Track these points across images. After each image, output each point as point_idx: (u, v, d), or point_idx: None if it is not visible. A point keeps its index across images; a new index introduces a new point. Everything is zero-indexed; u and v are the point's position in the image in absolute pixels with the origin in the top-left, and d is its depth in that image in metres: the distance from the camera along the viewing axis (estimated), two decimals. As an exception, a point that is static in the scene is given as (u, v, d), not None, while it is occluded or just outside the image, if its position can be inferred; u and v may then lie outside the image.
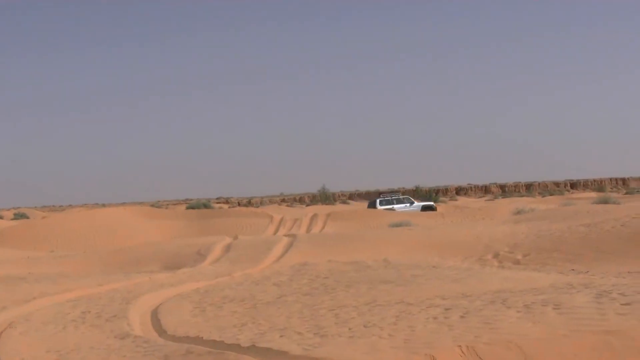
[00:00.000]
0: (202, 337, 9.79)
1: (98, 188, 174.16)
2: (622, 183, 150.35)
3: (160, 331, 11.09)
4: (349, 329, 9.58)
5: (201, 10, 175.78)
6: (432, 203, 62.05)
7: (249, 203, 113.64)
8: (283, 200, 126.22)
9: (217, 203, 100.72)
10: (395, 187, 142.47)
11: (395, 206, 57.10)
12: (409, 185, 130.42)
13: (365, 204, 78.33)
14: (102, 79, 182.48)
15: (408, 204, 57.42)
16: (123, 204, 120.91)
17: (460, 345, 7.80)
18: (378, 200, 59.36)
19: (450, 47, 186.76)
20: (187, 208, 63.31)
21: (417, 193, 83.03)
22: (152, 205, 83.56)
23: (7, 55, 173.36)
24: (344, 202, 79.93)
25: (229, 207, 72.19)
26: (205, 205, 63.15)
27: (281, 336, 9.37)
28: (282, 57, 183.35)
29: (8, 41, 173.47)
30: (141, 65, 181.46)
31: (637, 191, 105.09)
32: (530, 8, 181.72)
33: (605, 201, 51.75)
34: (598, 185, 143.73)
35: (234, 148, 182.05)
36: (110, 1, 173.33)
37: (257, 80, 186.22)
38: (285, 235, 30.12)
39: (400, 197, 59.77)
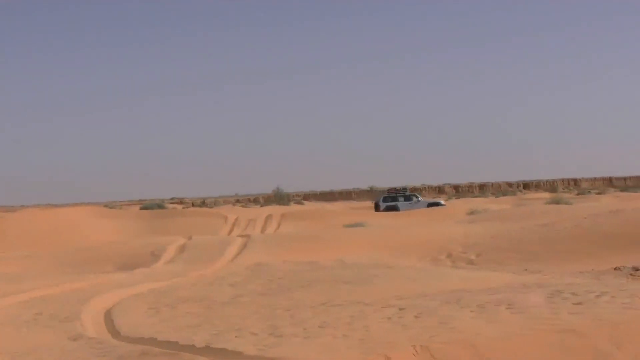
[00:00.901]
0: (157, 338, 9.74)
1: (50, 189, 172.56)
2: (574, 184, 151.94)
3: (114, 332, 11.01)
4: (304, 329, 9.59)
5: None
6: (439, 200, 60.56)
7: (203, 203, 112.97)
8: (237, 201, 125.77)
9: (171, 203, 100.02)
10: (350, 187, 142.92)
11: (400, 204, 55.30)
12: (364, 186, 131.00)
13: (320, 204, 78.12)
14: (53, 80, 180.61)
15: (413, 201, 55.68)
16: (76, 204, 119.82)
17: (414, 345, 7.84)
18: (382, 199, 57.98)
19: (401, 48, 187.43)
20: (141, 208, 62.87)
21: (371, 194, 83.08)
22: (106, 206, 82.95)
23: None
24: (298, 203, 79.96)
25: (183, 208, 71.77)
26: (160, 206, 62.79)
27: (236, 337, 9.35)
28: (234, 58, 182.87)
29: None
30: (93, 67, 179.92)
31: (589, 192, 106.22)
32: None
33: (557, 202, 52.32)
34: (550, 186, 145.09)
35: (188, 148, 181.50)
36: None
37: (210, 81, 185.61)
38: (239, 236, 30.09)
39: (408, 193, 57.61)
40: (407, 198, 56.31)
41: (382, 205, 56.31)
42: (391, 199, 56.56)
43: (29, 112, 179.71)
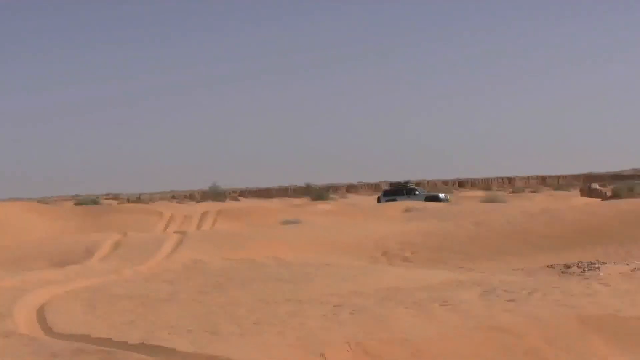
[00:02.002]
0: (91, 335, 9.64)
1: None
2: (509, 182, 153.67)
3: (47, 329, 10.88)
4: (240, 326, 9.57)
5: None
6: (438, 194, 59.51)
7: (139, 199, 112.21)
8: (173, 197, 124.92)
9: (106, 199, 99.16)
10: (285, 184, 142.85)
11: (399, 198, 54.43)
12: (300, 182, 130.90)
13: (256, 201, 77.86)
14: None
15: (412, 196, 54.97)
16: (8, 199, 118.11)
17: (349, 342, 7.88)
18: (383, 194, 57.12)
19: (339, 48, 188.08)
20: (76, 204, 62.23)
21: (308, 191, 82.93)
22: (40, 201, 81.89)
23: None
24: (234, 199, 79.65)
25: (118, 204, 71.17)
26: (94, 202, 62.22)
27: (171, 334, 9.31)
28: (167, 54, 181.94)
29: None
30: (24, 59, 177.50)
31: (523, 190, 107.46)
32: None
33: (492, 200, 52.93)
34: (485, 184, 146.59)
35: (123, 144, 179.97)
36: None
37: (147, 78, 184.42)
38: (175, 232, 29.88)
39: (412, 187, 56.67)
40: (408, 192, 55.80)
41: (383, 200, 55.91)
42: (392, 194, 56.11)
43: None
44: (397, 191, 55.77)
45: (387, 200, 54.75)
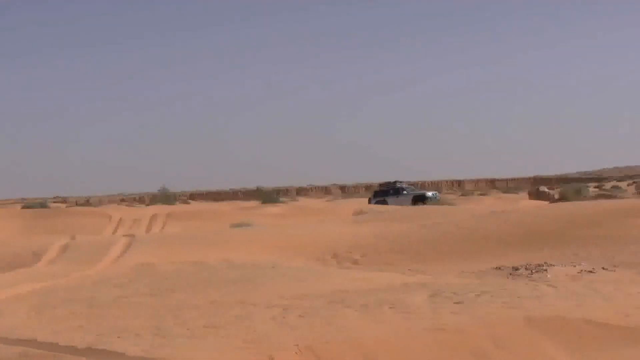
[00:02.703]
0: (37, 339, 9.54)
1: None
2: (458, 185, 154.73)
3: (-7, 334, 10.75)
4: (189, 329, 9.53)
5: None
6: (425, 192, 58.38)
7: (87, 202, 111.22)
8: (122, 200, 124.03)
9: (54, 202, 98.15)
10: (236, 187, 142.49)
11: (389, 199, 53.88)
12: (251, 185, 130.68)
13: (206, 204, 77.43)
14: None
15: (400, 195, 54.22)
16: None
17: (298, 345, 7.88)
18: (373, 194, 56.10)
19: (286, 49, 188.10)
20: (23, 207, 61.51)
21: (258, 194, 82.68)
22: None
23: None
24: (184, 202, 79.33)
25: (67, 207, 70.47)
26: (42, 205, 61.50)
27: (120, 337, 9.23)
28: (125, 50, 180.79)
29: None
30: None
31: (472, 193, 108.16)
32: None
33: (441, 203, 53.13)
34: (435, 187, 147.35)
35: (72, 146, 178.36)
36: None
37: (98, 79, 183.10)
38: (124, 235, 29.66)
39: (400, 186, 55.63)
40: (395, 192, 55.07)
41: (373, 200, 55.28)
42: (382, 194, 55.49)
43: None
44: (386, 192, 55.20)
45: (376, 202, 54.20)
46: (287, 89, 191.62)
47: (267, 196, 71.69)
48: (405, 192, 55.24)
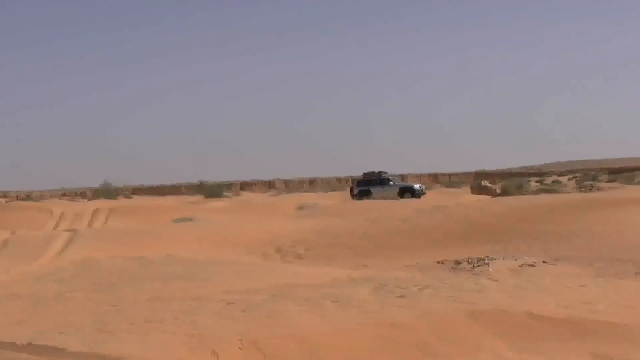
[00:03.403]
0: (-23, 336, 9.41)
1: None
2: (401, 179, 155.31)
3: None
4: (132, 324, 9.46)
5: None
6: (413, 185, 57.15)
7: (28, 197, 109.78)
8: (64, 195, 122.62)
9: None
10: (178, 182, 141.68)
11: (373, 189, 52.30)
12: (194, 179, 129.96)
13: (149, 198, 76.80)
14: None
15: (387, 186, 52.92)
16: None
17: (241, 339, 7.87)
18: (356, 184, 54.23)
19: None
20: (-38, 202, 60.62)
21: (202, 189, 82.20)
22: None
23: None
24: (127, 197, 78.70)
25: (7, 202, 69.60)
26: (-19, 199, 60.64)
27: (62, 333, 9.14)
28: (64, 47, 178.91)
29: None
30: None
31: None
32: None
33: (385, 197, 53.34)
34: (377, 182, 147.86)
35: (11, 139, 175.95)
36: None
37: (42, 72, 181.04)
38: (66, 230, 29.35)
39: (386, 177, 53.91)
40: (381, 182, 53.67)
41: (356, 189, 54.04)
42: (365, 184, 53.82)
43: None
44: (370, 182, 54.10)
45: (360, 192, 53.07)
46: (232, 85, 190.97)
47: (211, 191, 71.43)
48: (391, 183, 54.48)
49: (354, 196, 53.41)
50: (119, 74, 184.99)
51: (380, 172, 55.41)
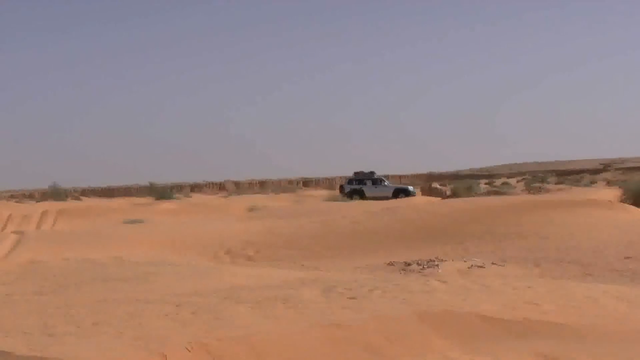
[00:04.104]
0: None
1: None
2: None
3: None
4: (79, 327, 9.37)
5: None
6: (408, 187, 56.74)
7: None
8: (12, 196, 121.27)
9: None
10: (129, 183, 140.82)
11: (366, 188, 52.17)
12: (143, 182, 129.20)
13: (99, 200, 76.20)
14: None
15: (380, 186, 52.72)
16: None
17: (190, 342, 7.82)
18: (347, 182, 54.21)
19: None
20: None
21: (152, 190, 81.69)
22: None
23: None
24: (76, 199, 78.02)
25: (-47, 203, 68.57)
26: None
27: (6, 336, 9.02)
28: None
29: None
30: None
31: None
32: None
33: (335, 199, 53.50)
34: (329, 184, 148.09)
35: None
36: None
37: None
38: (13, 232, 29.02)
39: (379, 177, 53.98)
40: (374, 182, 53.59)
41: (347, 188, 53.60)
42: (357, 182, 53.78)
43: None
44: (362, 181, 53.72)
45: (351, 189, 52.82)
46: (182, 85, 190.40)
47: (161, 192, 71.09)
48: (386, 183, 54.33)
49: (344, 195, 53.31)
50: (67, 75, 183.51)
51: (371, 172, 55.55)
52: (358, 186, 53.65)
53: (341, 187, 55.83)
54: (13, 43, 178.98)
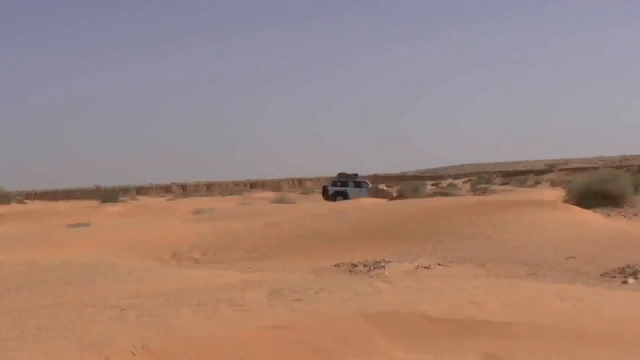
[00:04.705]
0: None
1: None
2: (299, 183, 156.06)
3: None
4: (22, 332, 9.26)
5: None
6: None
7: None
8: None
9: None
10: (74, 186, 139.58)
11: (349, 190, 52.33)
12: (89, 184, 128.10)
13: (44, 204, 75.50)
14: None
15: (363, 188, 52.86)
16: None
17: (135, 345, 7.78)
18: (331, 183, 54.15)
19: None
20: None
21: (97, 193, 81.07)
22: None
23: None
24: (21, 202, 77.17)
25: None
26: None
27: (-54, 343, 8.90)
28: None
29: None
30: None
31: (313, 191, 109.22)
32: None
33: (282, 201, 53.59)
34: (276, 185, 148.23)
35: None
36: None
37: None
38: (-45, 236, 28.62)
39: (359, 180, 54.06)
40: (357, 184, 53.59)
41: (331, 190, 53.38)
42: (341, 184, 53.79)
43: None
44: (346, 183, 53.73)
45: (336, 191, 52.85)
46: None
47: (107, 195, 70.62)
48: (370, 185, 54.66)
49: (327, 197, 53.40)
50: (17, 79, 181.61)
51: (355, 174, 55.82)
52: (342, 188, 53.80)
53: (324, 189, 55.90)
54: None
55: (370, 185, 55.83)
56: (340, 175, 56.25)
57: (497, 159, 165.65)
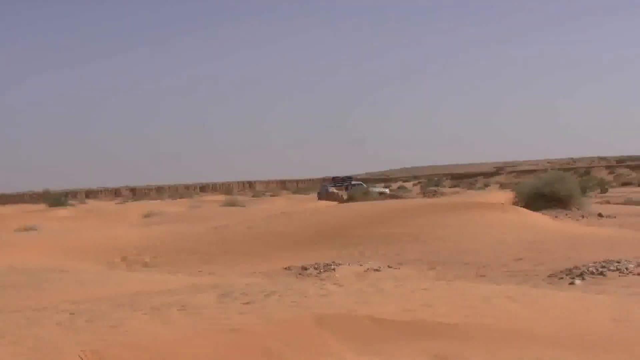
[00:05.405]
0: None
1: None
2: (249, 186, 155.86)
3: None
4: (-31, 339, 9.15)
5: None
6: (386, 190, 57.54)
7: None
8: None
9: None
10: (22, 190, 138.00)
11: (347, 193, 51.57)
12: (38, 188, 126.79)
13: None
14: None
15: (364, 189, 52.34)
16: None
17: (84, 350, 7.72)
18: (327, 187, 53.98)
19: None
20: None
21: (46, 197, 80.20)
22: None
23: None
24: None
25: None
26: None
27: None
28: None
29: None
30: None
31: (264, 194, 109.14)
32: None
33: (232, 204, 53.49)
34: (226, 188, 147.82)
35: None
36: None
37: None
38: None
39: (357, 182, 54.23)
40: (354, 187, 53.59)
41: (327, 191, 53.32)
42: (338, 187, 53.82)
43: None
44: (341, 185, 53.84)
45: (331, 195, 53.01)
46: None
47: (55, 199, 69.94)
48: (365, 187, 54.89)
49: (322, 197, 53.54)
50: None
51: (349, 177, 56.37)
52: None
53: (319, 194, 56.13)
54: None
55: (365, 186, 56.43)
56: (335, 179, 57.56)
57: (447, 162, 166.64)
